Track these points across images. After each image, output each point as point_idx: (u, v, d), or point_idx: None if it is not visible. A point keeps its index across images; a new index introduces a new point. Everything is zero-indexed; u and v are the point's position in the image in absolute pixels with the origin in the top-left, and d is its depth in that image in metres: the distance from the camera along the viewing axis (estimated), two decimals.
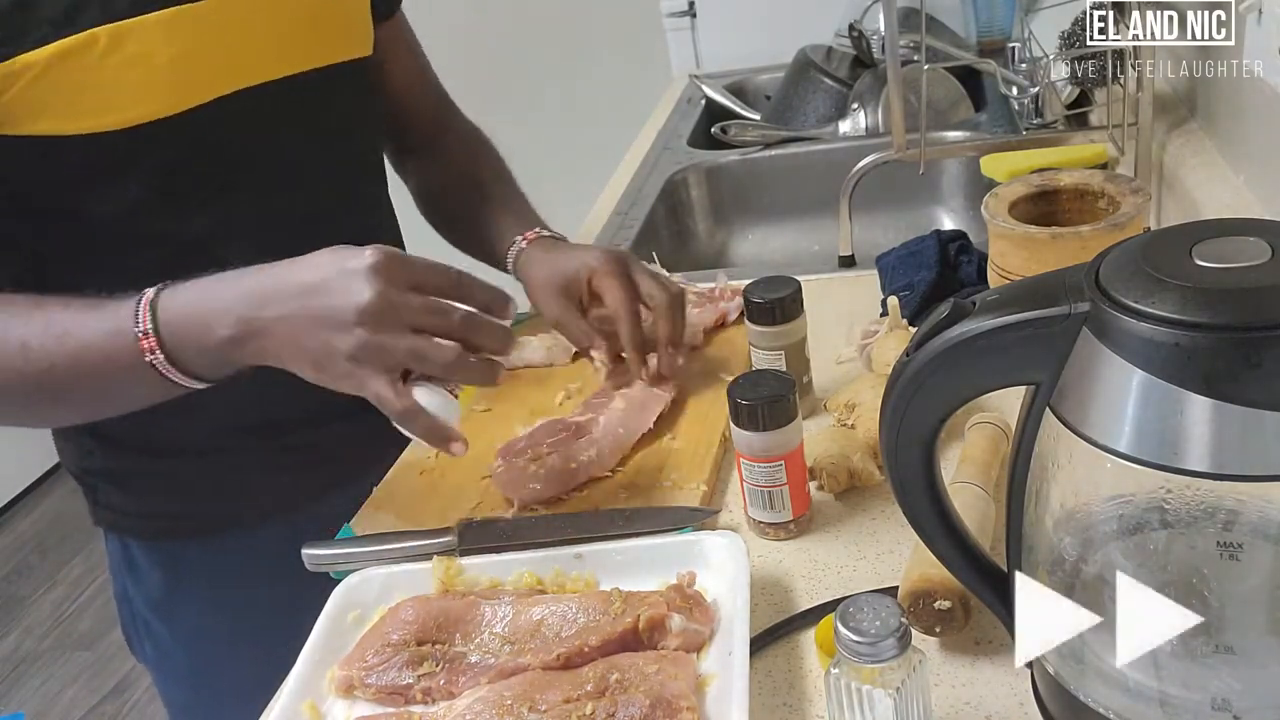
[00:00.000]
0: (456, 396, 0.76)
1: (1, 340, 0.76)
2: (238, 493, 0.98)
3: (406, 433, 0.74)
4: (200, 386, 0.76)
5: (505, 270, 1.03)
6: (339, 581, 0.77)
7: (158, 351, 0.73)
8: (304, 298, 0.71)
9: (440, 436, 0.73)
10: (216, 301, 0.73)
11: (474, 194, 1.09)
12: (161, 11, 0.80)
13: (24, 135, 0.78)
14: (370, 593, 0.76)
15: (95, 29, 0.77)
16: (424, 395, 0.72)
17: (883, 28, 1.54)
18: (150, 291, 0.74)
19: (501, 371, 0.74)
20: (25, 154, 0.80)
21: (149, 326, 0.73)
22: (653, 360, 0.92)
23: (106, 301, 0.75)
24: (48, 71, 0.76)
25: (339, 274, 0.70)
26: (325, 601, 0.76)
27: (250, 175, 0.89)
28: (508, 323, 0.75)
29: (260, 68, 0.87)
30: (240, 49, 0.85)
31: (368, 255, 0.70)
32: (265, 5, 0.87)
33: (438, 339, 0.71)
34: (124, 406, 0.81)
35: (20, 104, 0.77)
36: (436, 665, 0.68)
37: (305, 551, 0.80)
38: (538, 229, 1.02)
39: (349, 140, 0.99)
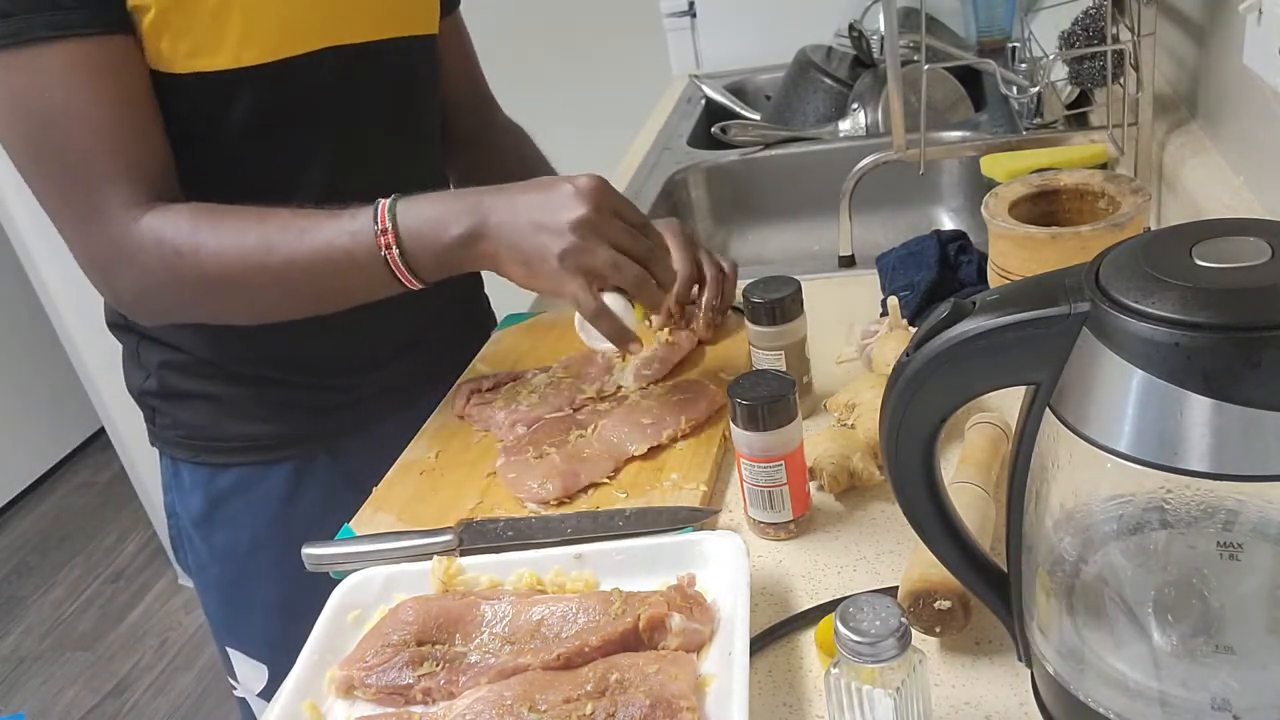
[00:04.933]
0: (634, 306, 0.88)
1: (243, 236, 0.86)
2: (270, 419, 1.06)
3: (590, 338, 0.86)
4: (418, 287, 0.87)
5: None
6: (339, 581, 0.77)
7: (394, 247, 0.84)
8: (527, 209, 0.83)
9: (622, 336, 0.85)
10: (450, 207, 0.85)
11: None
12: None
13: (157, 72, 0.87)
14: (370, 593, 0.76)
15: None
16: (610, 300, 0.84)
17: (883, 28, 1.54)
18: (385, 201, 0.86)
19: (665, 300, 0.88)
20: (159, 87, 0.88)
21: (388, 225, 0.84)
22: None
23: (338, 210, 0.86)
24: (168, 12, 0.85)
25: (558, 192, 0.83)
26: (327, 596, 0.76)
27: (330, 121, 0.98)
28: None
29: (348, 30, 0.97)
30: (332, 12, 0.95)
31: (583, 179, 0.84)
32: None
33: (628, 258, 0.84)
34: (346, 301, 0.90)
35: (146, 39, 0.85)
36: (436, 665, 0.68)
37: (305, 551, 0.80)
38: None
39: (413, 103, 1.08)
